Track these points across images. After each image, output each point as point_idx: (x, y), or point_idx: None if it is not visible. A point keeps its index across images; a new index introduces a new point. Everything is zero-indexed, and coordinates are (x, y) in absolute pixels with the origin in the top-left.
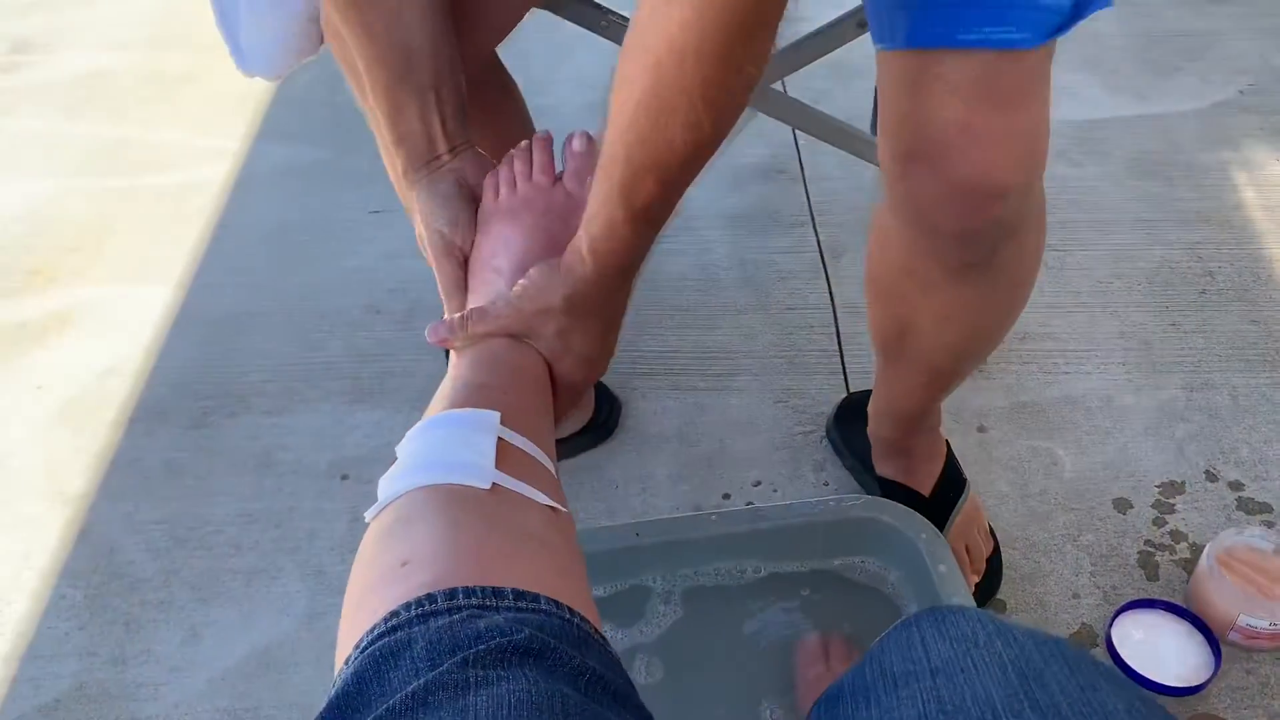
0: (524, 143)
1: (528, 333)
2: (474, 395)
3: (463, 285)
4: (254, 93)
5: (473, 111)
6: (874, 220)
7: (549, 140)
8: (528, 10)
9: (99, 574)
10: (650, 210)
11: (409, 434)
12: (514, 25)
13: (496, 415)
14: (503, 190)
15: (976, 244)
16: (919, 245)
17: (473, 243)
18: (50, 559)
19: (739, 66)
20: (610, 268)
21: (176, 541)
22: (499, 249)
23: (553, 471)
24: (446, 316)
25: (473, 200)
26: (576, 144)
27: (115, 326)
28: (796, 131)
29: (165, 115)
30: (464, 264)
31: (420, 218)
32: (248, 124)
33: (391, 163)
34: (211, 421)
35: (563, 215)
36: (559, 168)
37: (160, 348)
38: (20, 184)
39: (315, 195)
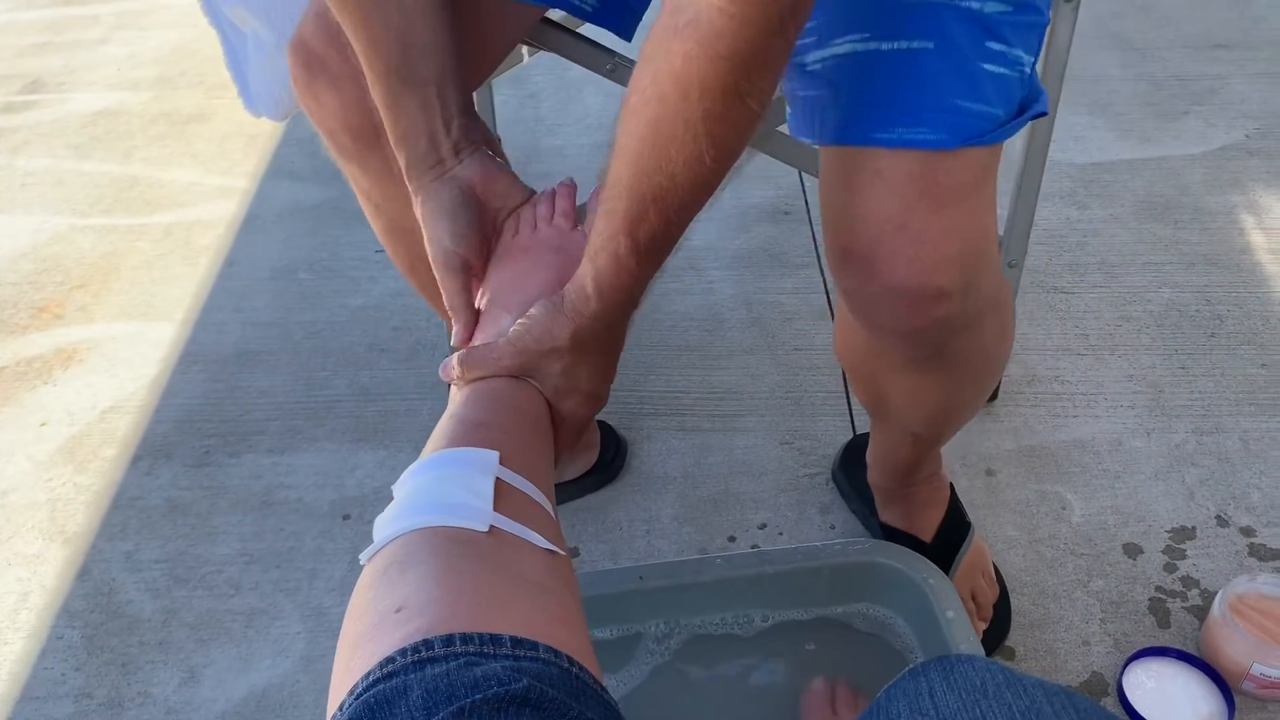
0: (548, 188)
1: (532, 372)
2: (473, 434)
3: (468, 301)
4: (262, 133)
5: None
6: (838, 305)
7: (573, 187)
8: (508, 52)
9: (97, 614)
10: (654, 243)
11: (406, 473)
12: (494, 67)
13: (495, 455)
14: (522, 229)
15: (922, 342)
16: (872, 337)
17: (478, 254)
18: (48, 598)
19: (742, 100)
20: (615, 302)
21: (176, 581)
22: (510, 285)
23: (552, 513)
24: (453, 332)
25: (480, 208)
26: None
27: (120, 364)
28: (802, 173)
29: (174, 154)
30: (469, 276)
31: (424, 230)
32: (256, 163)
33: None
34: (214, 460)
35: (578, 259)
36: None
37: (164, 385)
38: (30, 221)
39: (322, 234)
